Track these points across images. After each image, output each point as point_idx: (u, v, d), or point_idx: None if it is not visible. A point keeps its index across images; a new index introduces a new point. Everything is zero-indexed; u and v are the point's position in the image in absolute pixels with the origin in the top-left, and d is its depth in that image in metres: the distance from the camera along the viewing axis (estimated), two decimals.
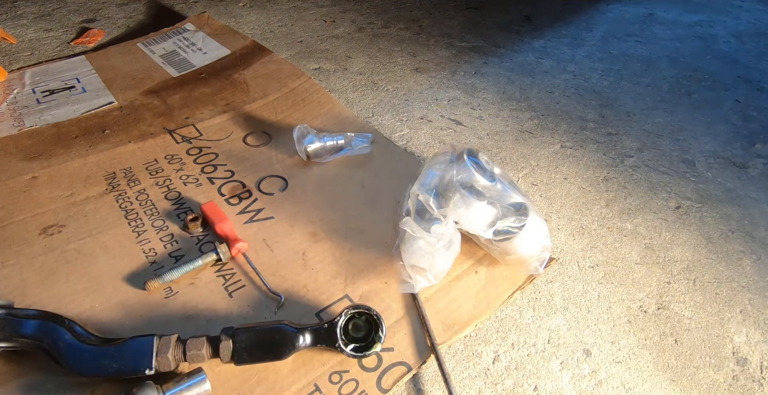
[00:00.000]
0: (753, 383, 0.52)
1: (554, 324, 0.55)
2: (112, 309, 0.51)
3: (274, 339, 0.45)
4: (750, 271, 0.64)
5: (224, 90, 0.85)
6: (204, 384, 0.42)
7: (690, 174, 0.80)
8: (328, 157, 0.71)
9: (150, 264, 0.56)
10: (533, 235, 0.53)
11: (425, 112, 0.88)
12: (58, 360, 0.42)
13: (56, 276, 0.54)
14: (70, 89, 0.83)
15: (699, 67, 1.13)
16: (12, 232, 0.58)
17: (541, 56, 1.12)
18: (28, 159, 0.69)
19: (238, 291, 0.54)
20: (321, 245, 0.60)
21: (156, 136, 0.74)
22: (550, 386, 0.49)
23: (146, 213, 0.62)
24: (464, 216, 0.53)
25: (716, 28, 1.34)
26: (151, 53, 0.94)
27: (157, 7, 1.15)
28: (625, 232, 0.68)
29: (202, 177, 0.68)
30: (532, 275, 0.58)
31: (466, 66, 1.04)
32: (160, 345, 0.43)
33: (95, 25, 1.06)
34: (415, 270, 0.53)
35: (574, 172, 0.78)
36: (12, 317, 0.44)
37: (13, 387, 0.44)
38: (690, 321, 0.57)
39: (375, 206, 0.65)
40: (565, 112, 0.92)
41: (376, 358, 0.49)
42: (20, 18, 1.06)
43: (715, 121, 0.94)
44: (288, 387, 0.46)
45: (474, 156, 0.59)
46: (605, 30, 1.27)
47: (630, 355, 0.53)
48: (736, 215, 0.72)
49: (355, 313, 0.47)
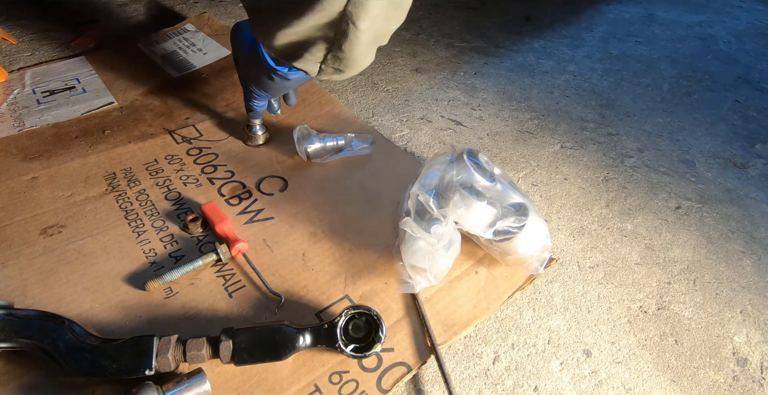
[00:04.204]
0: (753, 383, 0.52)
1: (554, 325, 0.55)
2: (112, 309, 0.51)
3: (274, 340, 0.45)
4: (750, 272, 0.64)
5: (225, 90, 0.85)
6: (204, 385, 0.42)
7: (690, 174, 0.80)
8: (329, 158, 0.71)
9: (150, 264, 0.56)
10: (533, 235, 0.53)
11: (425, 112, 0.88)
12: (58, 361, 0.42)
13: (56, 277, 0.54)
14: (70, 89, 0.83)
15: (699, 68, 1.13)
16: (12, 233, 0.58)
17: (541, 56, 1.12)
18: (28, 159, 0.69)
19: (238, 292, 0.54)
20: (321, 245, 0.60)
21: (156, 137, 0.74)
22: (550, 386, 0.49)
23: (146, 213, 0.62)
24: (464, 217, 0.53)
25: (716, 28, 1.34)
26: (152, 53, 0.94)
27: (158, 7, 1.15)
28: (626, 233, 0.68)
29: (203, 177, 0.68)
30: (532, 275, 0.58)
31: (466, 66, 1.04)
32: (160, 346, 0.43)
33: (95, 25, 1.06)
34: (415, 270, 0.53)
35: (574, 172, 0.78)
36: (12, 317, 0.44)
37: (13, 387, 0.44)
38: (690, 322, 0.57)
39: (375, 206, 0.65)
40: (565, 113, 0.93)
41: (376, 359, 0.49)
42: (20, 18, 1.06)
43: (715, 121, 0.94)
44: (288, 388, 0.46)
45: (474, 156, 0.59)
46: (605, 30, 1.28)
47: (630, 355, 0.53)
48: (737, 215, 0.72)
49: (355, 314, 0.48)
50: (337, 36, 0.44)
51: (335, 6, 0.41)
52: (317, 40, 0.45)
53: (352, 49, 0.45)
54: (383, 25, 0.45)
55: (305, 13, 0.42)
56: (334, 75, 0.50)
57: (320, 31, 0.44)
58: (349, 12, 0.41)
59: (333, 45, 0.45)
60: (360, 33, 0.43)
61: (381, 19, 0.43)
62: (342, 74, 0.50)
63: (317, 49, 0.46)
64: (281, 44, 0.47)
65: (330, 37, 0.44)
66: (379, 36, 0.47)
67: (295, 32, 0.44)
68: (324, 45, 0.45)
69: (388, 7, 0.42)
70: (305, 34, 0.44)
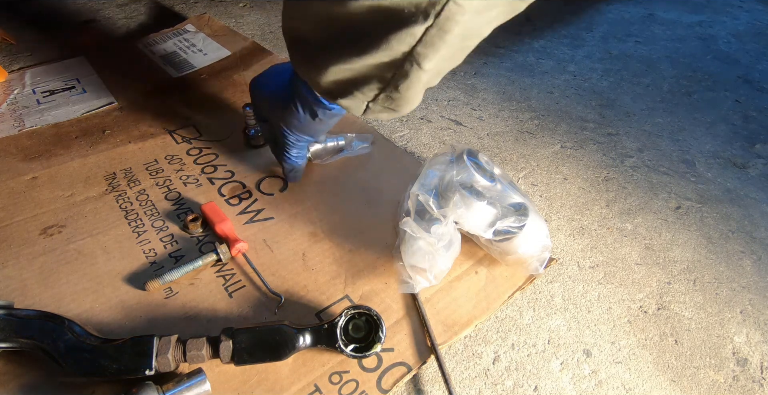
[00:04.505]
0: (753, 383, 0.52)
1: (554, 325, 0.55)
2: (112, 309, 0.51)
3: (274, 340, 0.45)
4: (750, 272, 0.64)
5: (225, 90, 0.85)
6: (204, 385, 0.42)
7: (690, 174, 0.80)
8: (329, 158, 0.71)
9: (150, 264, 0.56)
10: (533, 235, 0.53)
11: (425, 112, 0.88)
12: (58, 361, 0.42)
13: (56, 277, 0.54)
14: (70, 89, 0.83)
15: (699, 68, 1.13)
16: (12, 232, 0.58)
17: (541, 56, 1.12)
18: (28, 159, 0.69)
19: (238, 292, 0.54)
20: (321, 245, 0.60)
21: (156, 137, 0.74)
22: (550, 386, 0.49)
23: (146, 213, 0.62)
24: (464, 217, 0.53)
25: (716, 28, 1.34)
26: (152, 54, 0.94)
27: (158, 7, 1.15)
28: (625, 233, 0.68)
29: (202, 177, 0.68)
30: (532, 275, 0.58)
31: (465, 66, 1.04)
32: (160, 346, 0.43)
33: (95, 25, 1.06)
34: (415, 270, 0.53)
35: (574, 172, 0.78)
36: (12, 317, 0.44)
37: (13, 387, 0.44)
38: (690, 322, 0.57)
39: (375, 206, 0.65)
40: (565, 113, 0.93)
41: (376, 359, 0.49)
42: (20, 18, 1.06)
43: (715, 121, 0.94)
44: (288, 388, 0.46)
45: (474, 156, 0.59)
46: (605, 30, 1.28)
47: (630, 355, 0.53)
48: (737, 215, 0.72)
49: (355, 314, 0.48)
50: (395, 76, 0.40)
51: (403, 45, 0.37)
52: (372, 78, 0.42)
53: (409, 89, 0.42)
54: (444, 66, 0.42)
55: (368, 51, 0.38)
56: (381, 113, 0.47)
57: (378, 70, 0.41)
58: (417, 52, 0.37)
59: (388, 85, 0.42)
60: (423, 74, 0.40)
61: (446, 59, 0.40)
62: (392, 113, 0.47)
63: (370, 88, 0.43)
64: (330, 81, 0.44)
65: (386, 77, 0.41)
66: (435, 76, 0.43)
67: (351, 68, 0.41)
68: (378, 84, 0.42)
69: (456, 47, 0.39)
70: (361, 72, 0.41)
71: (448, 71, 0.45)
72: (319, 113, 0.53)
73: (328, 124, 0.56)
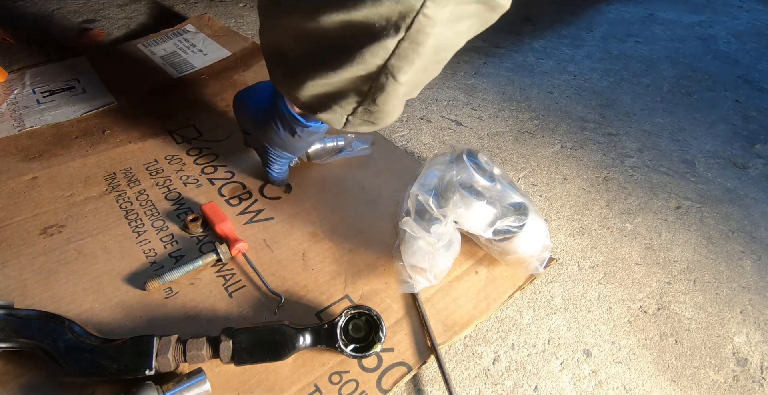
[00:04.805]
0: (753, 383, 0.52)
1: (554, 325, 0.55)
2: (112, 309, 0.51)
3: (274, 340, 0.45)
4: (750, 272, 0.64)
5: (225, 91, 0.85)
6: (204, 385, 0.42)
7: (690, 174, 0.80)
8: (329, 158, 0.71)
9: (150, 264, 0.56)
10: (533, 235, 0.53)
11: (425, 112, 0.88)
12: (58, 361, 0.42)
13: (56, 277, 0.54)
14: (70, 90, 0.83)
15: (699, 68, 1.13)
16: (12, 232, 0.58)
17: (541, 56, 1.12)
18: (28, 159, 0.69)
19: (238, 292, 0.54)
20: (321, 245, 0.60)
21: (156, 137, 0.74)
22: (550, 386, 0.49)
23: (146, 213, 0.62)
24: (464, 216, 0.53)
25: (716, 28, 1.34)
26: (152, 54, 0.94)
27: (158, 7, 1.15)
28: (626, 233, 0.68)
29: (203, 177, 0.68)
30: (532, 275, 0.58)
31: (465, 66, 1.04)
32: (160, 346, 0.43)
33: (95, 25, 1.06)
34: (415, 270, 0.53)
35: (574, 172, 0.78)
36: (12, 317, 0.44)
37: (13, 387, 0.44)
38: (690, 322, 0.57)
39: (375, 206, 0.65)
40: (565, 113, 0.93)
41: (376, 359, 0.49)
42: (20, 19, 1.06)
43: (715, 121, 0.94)
44: (288, 388, 0.46)
45: (474, 156, 0.59)
46: (605, 30, 1.28)
47: (630, 356, 0.53)
48: (737, 215, 0.72)
49: (355, 314, 0.48)
50: (372, 89, 0.41)
51: (377, 59, 0.38)
52: (349, 92, 0.42)
53: (387, 102, 0.42)
54: (420, 78, 0.43)
55: (343, 64, 0.39)
56: (361, 126, 0.47)
57: (354, 84, 0.41)
58: (391, 65, 0.38)
59: (366, 98, 0.42)
60: (399, 86, 0.40)
61: (421, 72, 0.41)
62: (371, 126, 0.47)
63: (348, 101, 0.43)
64: (309, 95, 0.44)
65: (363, 90, 0.41)
66: (413, 88, 0.44)
67: (328, 82, 0.42)
68: (356, 97, 0.43)
69: (430, 59, 0.40)
70: (338, 85, 0.42)
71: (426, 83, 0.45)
72: (298, 131, 0.54)
73: (307, 141, 0.57)
